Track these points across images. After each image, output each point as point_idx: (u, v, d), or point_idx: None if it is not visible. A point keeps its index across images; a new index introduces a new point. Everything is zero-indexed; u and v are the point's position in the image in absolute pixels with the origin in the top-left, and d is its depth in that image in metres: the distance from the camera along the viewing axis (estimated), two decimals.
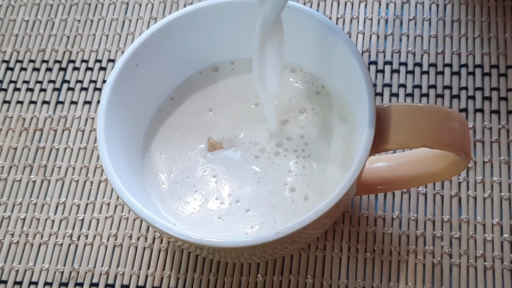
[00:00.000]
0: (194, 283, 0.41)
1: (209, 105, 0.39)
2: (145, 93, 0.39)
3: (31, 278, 0.42)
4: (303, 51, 0.40)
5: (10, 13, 0.52)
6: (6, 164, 0.46)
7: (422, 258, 0.40)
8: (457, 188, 0.42)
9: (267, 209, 0.36)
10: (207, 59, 0.41)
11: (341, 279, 0.40)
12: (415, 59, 0.47)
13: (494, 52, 0.46)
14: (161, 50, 0.39)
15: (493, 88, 0.45)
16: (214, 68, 0.41)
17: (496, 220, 0.41)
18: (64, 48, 0.50)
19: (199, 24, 0.39)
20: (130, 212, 0.43)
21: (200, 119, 0.39)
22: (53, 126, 0.47)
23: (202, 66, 0.41)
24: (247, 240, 0.32)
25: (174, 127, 0.39)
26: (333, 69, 0.39)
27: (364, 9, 0.49)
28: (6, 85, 0.49)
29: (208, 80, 0.40)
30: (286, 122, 0.38)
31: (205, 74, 0.41)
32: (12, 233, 0.43)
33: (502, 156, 0.43)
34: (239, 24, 0.39)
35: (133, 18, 0.51)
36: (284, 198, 0.36)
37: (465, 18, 0.48)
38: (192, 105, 0.40)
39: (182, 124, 0.39)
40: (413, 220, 0.41)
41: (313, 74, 0.40)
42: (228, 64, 0.41)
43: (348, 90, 0.38)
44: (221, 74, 0.41)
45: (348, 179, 0.33)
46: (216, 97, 0.40)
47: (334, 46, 0.37)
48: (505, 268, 0.40)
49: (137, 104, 0.39)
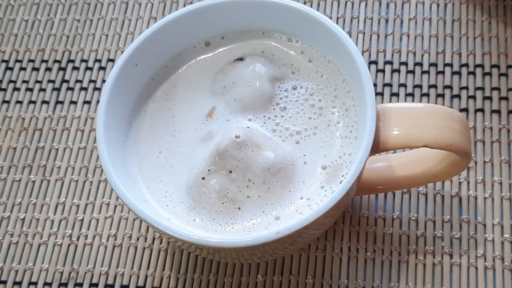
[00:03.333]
0: (194, 283, 0.41)
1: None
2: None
3: (30, 278, 0.42)
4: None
5: (10, 12, 0.52)
6: (6, 164, 0.46)
7: (423, 258, 0.40)
8: (458, 188, 0.42)
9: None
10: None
11: (341, 280, 0.40)
12: (416, 58, 0.47)
13: (495, 52, 0.46)
14: (161, 50, 0.39)
15: (494, 87, 0.45)
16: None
17: (496, 220, 0.41)
18: (63, 48, 0.50)
19: (199, 24, 0.39)
20: (129, 212, 0.43)
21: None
22: (52, 126, 0.47)
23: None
24: (247, 240, 0.32)
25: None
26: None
27: (364, 9, 0.49)
28: (6, 85, 0.49)
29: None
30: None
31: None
32: (12, 233, 0.43)
33: (502, 156, 0.43)
34: (238, 20, 0.39)
35: (132, 17, 0.51)
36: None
37: (466, 17, 0.48)
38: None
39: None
40: (413, 220, 0.41)
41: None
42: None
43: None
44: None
45: (348, 179, 0.33)
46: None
47: (334, 46, 0.37)
48: (506, 268, 0.40)
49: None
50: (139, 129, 0.38)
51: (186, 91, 0.39)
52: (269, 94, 0.38)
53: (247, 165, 0.35)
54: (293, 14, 0.38)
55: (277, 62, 0.39)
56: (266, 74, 0.38)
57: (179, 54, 0.40)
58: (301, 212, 0.35)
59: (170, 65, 0.40)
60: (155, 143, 0.38)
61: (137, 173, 0.37)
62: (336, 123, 0.37)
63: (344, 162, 0.36)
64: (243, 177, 0.35)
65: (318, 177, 0.36)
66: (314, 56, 0.39)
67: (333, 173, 0.36)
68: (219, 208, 0.35)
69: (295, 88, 0.38)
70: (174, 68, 0.40)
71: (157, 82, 0.40)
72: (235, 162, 0.35)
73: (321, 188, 0.35)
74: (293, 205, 0.35)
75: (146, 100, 0.39)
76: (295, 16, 0.38)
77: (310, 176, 0.36)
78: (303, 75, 0.39)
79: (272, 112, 0.38)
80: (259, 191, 0.35)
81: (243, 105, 0.38)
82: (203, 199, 0.35)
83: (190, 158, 0.37)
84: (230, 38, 0.41)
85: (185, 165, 0.37)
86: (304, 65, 0.39)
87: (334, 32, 0.37)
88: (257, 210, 0.35)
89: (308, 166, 0.36)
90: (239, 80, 0.39)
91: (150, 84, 0.39)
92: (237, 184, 0.35)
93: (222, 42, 0.41)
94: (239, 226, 0.35)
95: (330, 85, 0.38)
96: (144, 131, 0.38)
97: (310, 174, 0.36)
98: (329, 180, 0.35)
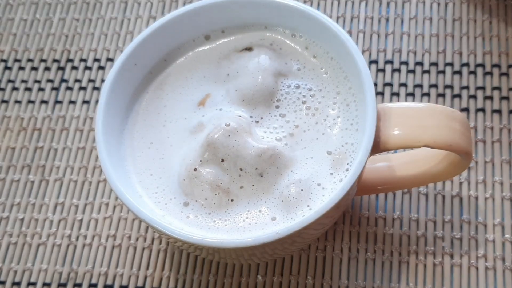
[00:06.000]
0: (194, 283, 0.41)
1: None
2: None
3: (29, 279, 0.42)
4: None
5: (9, 12, 0.52)
6: (4, 164, 0.46)
7: (423, 259, 0.40)
8: (458, 188, 0.42)
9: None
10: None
11: (341, 280, 0.40)
12: (416, 58, 0.47)
13: (496, 51, 0.46)
14: (160, 47, 0.39)
15: (495, 87, 0.45)
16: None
17: (497, 221, 0.41)
18: (62, 47, 0.50)
19: (199, 21, 0.39)
20: (129, 212, 0.43)
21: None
22: (51, 125, 0.47)
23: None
24: (247, 241, 0.32)
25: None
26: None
27: (364, 8, 0.49)
28: (4, 85, 0.49)
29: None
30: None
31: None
32: (11, 234, 0.43)
33: (503, 156, 0.43)
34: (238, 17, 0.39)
35: (132, 17, 0.50)
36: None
37: (466, 17, 0.48)
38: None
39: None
40: (414, 220, 0.41)
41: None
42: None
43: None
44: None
45: (349, 179, 0.33)
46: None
47: (335, 45, 0.37)
48: (507, 269, 0.39)
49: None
50: (134, 122, 0.38)
51: (179, 80, 0.39)
52: (271, 89, 0.38)
53: (238, 152, 0.35)
54: (294, 13, 0.38)
55: (284, 57, 0.39)
56: (271, 68, 0.38)
57: (178, 48, 0.40)
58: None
59: (168, 59, 0.40)
60: (146, 134, 0.37)
61: (131, 166, 0.36)
62: (336, 117, 0.37)
63: (347, 151, 0.35)
64: (235, 165, 0.35)
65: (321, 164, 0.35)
66: (318, 52, 0.39)
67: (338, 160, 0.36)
68: (212, 201, 0.35)
69: (298, 87, 0.38)
70: (171, 61, 0.40)
71: (154, 75, 0.39)
72: (226, 150, 0.35)
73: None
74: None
75: (142, 93, 0.39)
76: (296, 15, 0.38)
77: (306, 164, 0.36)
78: (308, 72, 0.39)
79: (271, 108, 0.37)
80: (252, 180, 0.35)
81: (243, 97, 0.37)
82: (196, 192, 0.35)
83: (180, 148, 0.37)
84: (230, 32, 0.40)
85: (176, 156, 0.36)
86: (309, 61, 0.39)
87: (335, 31, 0.37)
88: (251, 202, 0.35)
89: (304, 155, 0.36)
90: (243, 71, 0.38)
91: (147, 77, 0.39)
92: (229, 174, 0.35)
93: (222, 35, 0.40)
94: (233, 222, 0.34)
95: (333, 82, 0.38)
96: (138, 122, 0.38)
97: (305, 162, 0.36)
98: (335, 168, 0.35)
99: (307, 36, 0.39)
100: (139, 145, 0.37)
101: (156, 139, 0.37)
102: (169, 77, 0.39)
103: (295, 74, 0.39)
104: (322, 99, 0.38)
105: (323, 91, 0.38)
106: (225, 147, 0.35)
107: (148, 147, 0.37)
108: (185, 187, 0.35)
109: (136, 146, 0.37)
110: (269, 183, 0.35)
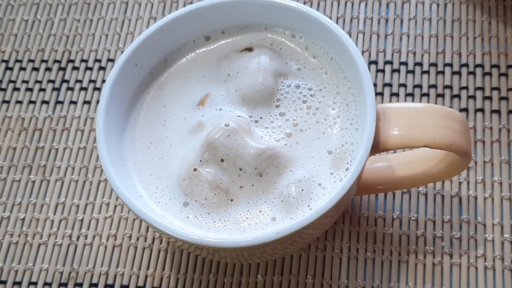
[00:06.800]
0: (194, 283, 0.41)
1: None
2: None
3: (30, 279, 0.42)
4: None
5: (10, 12, 0.52)
6: (6, 164, 0.46)
7: (423, 258, 0.40)
8: (458, 188, 0.42)
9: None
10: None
11: (341, 280, 0.40)
12: (416, 58, 0.47)
13: (495, 52, 0.46)
14: (161, 47, 0.39)
15: (494, 87, 0.45)
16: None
17: (496, 220, 0.41)
18: (63, 48, 0.50)
19: (199, 22, 0.39)
20: (129, 212, 0.43)
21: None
22: (52, 126, 0.47)
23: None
24: (247, 241, 0.32)
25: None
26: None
27: (364, 9, 0.49)
28: (6, 85, 0.49)
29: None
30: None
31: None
32: (12, 233, 0.43)
33: (502, 156, 0.43)
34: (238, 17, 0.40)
35: (132, 17, 0.51)
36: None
37: (466, 17, 0.48)
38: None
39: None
40: (413, 220, 0.41)
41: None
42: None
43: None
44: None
45: (348, 179, 0.33)
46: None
47: (335, 45, 0.37)
48: (506, 268, 0.40)
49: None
50: (134, 122, 0.38)
51: (180, 80, 0.39)
52: (271, 88, 0.38)
53: (238, 152, 0.35)
54: (294, 14, 0.38)
55: (284, 57, 0.39)
56: (271, 68, 0.38)
57: (179, 49, 0.40)
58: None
59: (169, 59, 0.40)
60: (146, 134, 0.38)
61: (132, 166, 0.37)
62: (336, 117, 0.37)
63: (347, 151, 0.36)
64: (234, 165, 0.35)
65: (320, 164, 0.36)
66: (318, 53, 0.39)
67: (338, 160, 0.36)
68: (212, 200, 0.35)
69: (298, 86, 0.38)
70: (172, 62, 0.40)
71: (155, 75, 0.40)
72: (226, 150, 0.35)
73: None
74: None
75: (143, 93, 0.39)
76: (296, 15, 0.38)
77: (306, 164, 0.36)
78: (308, 72, 0.39)
79: (271, 108, 0.38)
80: (251, 180, 0.35)
81: (243, 97, 0.38)
82: (196, 192, 0.35)
83: (180, 149, 0.37)
84: (231, 33, 0.40)
85: (175, 157, 0.37)
86: (309, 61, 0.39)
87: (334, 32, 0.37)
88: (251, 202, 0.35)
89: (304, 154, 0.36)
90: (243, 71, 0.38)
91: (148, 78, 0.39)
92: (229, 174, 0.35)
93: (223, 36, 0.40)
94: (233, 221, 0.35)
95: (333, 82, 0.38)
96: (139, 122, 0.38)
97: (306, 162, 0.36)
98: (336, 167, 0.35)
99: (307, 37, 0.39)
100: (139, 145, 0.37)
101: (156, 139, 0.37)
102: (169, 77, 0.39)
103: (295, 74, 0.39)
104: (323, 98, 0.38)
105: (323, 91, 0.38)
106: (225, 147, 0.35)
107: (148, 147, 0.37)
108: (185, 187, 0.35)
109: (136, 146, 0.37)
110: (269, 182, 0.35)
